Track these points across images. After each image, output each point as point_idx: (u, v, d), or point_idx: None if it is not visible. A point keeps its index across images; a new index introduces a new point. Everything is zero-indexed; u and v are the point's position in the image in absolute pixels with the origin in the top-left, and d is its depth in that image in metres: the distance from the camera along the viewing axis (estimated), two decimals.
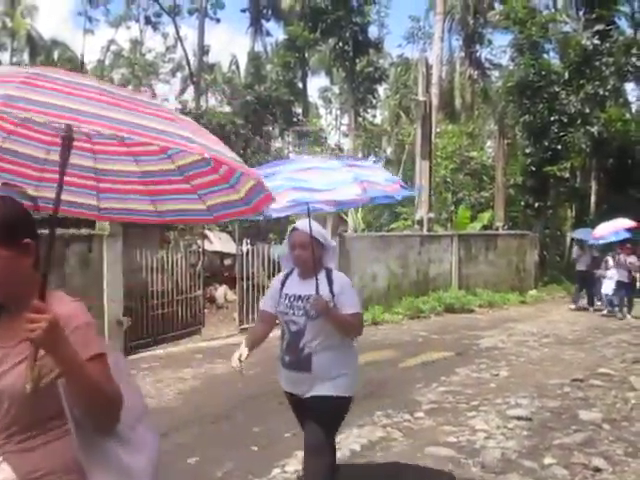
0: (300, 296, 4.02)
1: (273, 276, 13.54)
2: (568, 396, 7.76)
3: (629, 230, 15.89)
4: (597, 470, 5.33)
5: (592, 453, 5.72)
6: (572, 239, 19.32)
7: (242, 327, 12.40)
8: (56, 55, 45.35)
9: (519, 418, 6.74)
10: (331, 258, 4.29)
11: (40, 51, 43.68)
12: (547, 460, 5.55)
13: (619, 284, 15.55)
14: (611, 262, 16.18)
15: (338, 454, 5.67)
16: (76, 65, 40.05)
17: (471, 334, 12.60)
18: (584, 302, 16.86)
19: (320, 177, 3.90)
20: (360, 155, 29.37)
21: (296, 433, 6.34)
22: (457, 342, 11.72)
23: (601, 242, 17.07)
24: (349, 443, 6.01)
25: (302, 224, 4.04)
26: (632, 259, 15.62)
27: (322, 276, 4.05)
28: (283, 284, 4.25)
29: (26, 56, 43.91)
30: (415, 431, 6.44)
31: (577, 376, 8.67)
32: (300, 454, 5.65)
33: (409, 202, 24.53)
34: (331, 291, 4.00)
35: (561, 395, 7.81)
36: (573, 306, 16.97)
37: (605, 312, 15.96)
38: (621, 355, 10.38)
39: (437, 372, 9.14)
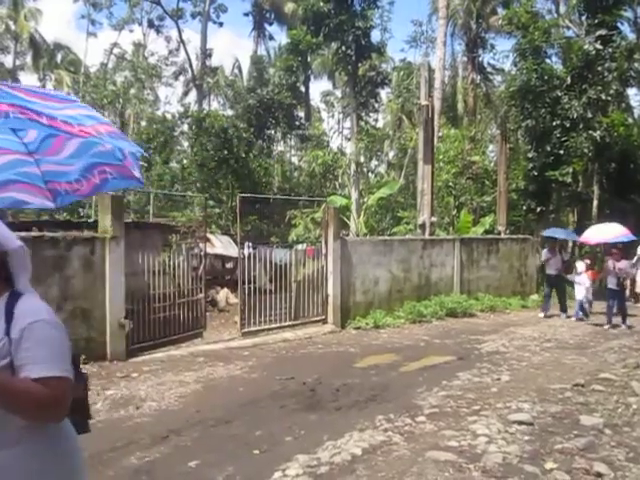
0: None
1: (275, 280, 13.65)
2: (569, 401, 7.75)
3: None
4: (599, 475, 5.32)
5: (594, 458, 5.71)
6: (544, 237, 18.19)
7: (244, 330, 12.40)
8: (59, 58, 45.51)
9: (520, 423, 6.72)
10: (20, 271, 2.42)
11: (43, 54, 43.82)
12: (548, 465, 5.54)
13: (609, 292, 14.55)
14: (580, 267, 15.58)
15: (338, 458, 5.69)
16: (79, 68, 40.27)
17: (473, 338, 12.59)
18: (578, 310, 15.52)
19: None
20: (362, 159, 29.37)
21: (297, 437, 6.37)
22: (459, 346, 11.71)
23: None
24: (350, 447, 5.99)
25: None
26: (622, 265, 14.47)
27: None
28: None
29: (29, 59, 44.07)
30: (416, 435, 6.42)
31: (579, 381, 8.65)
32: (302, 458, 5.66)
33: (411, 206, 24.60)
34: (7, 333, 2.26)
35: (562, 400, 7.79)
36: (542, 314, 16.23)
37: (577, 318, 15.39)
38: (623, 360, 10.35)
39: (438, 376, 9.13)
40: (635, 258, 18.55)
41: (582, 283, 15.40)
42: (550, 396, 7.96)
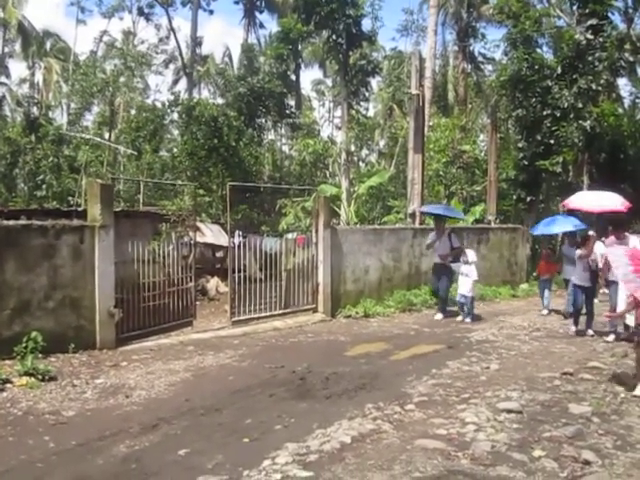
0: None
1: (265, 269, 13.62)
2: (558, 389, 7.80)
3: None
4: (586, 463, 5.36)
5: (582, 446, 5.75)
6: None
7: (234, 319, 12.39)
8: (48, 46, 45.12)
9: (509, 411, 6.76)
10: None
11: (32, 42, 43.40)
12: (537, 453, 5.58)
13: (576, 290, 11.92)
14: (470, 256, 13.44)
15: (328, 446, 5.70)
16: (68, 56, 39.96)
17: (462, 327, 12.65)
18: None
19: None
20: (353, 148, 29.35)
21: (287, 425, 6.38)
22: (448, 335, 11.75)
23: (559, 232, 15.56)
24: (339, 435, 6.01)
25: None
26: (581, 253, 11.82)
27: None
28: None
29: (18, 47, 43.65)
30: (405, 423, 6.45)
31: (567, 370, 8.70)
32: (291, 446, 5.68)
33: (402, 195, 24.60)
34: None
35: (551, 388, 7.84)
36: (440, 316, 13.85)
37: (462, 319, 13.49)
38: (611, 349, 10.42)
39: (428, 365, 9.16)
40: None
41: (470, 275, 13.41)
42: (539, 385, 8.00)
